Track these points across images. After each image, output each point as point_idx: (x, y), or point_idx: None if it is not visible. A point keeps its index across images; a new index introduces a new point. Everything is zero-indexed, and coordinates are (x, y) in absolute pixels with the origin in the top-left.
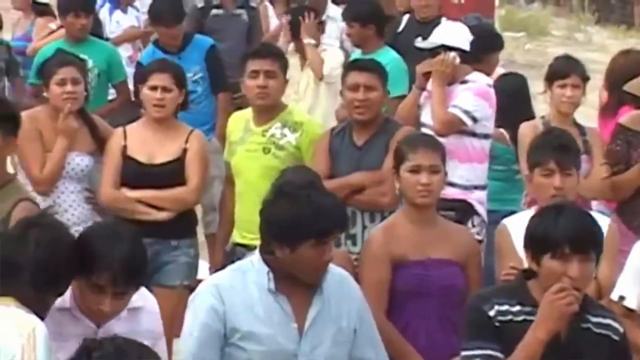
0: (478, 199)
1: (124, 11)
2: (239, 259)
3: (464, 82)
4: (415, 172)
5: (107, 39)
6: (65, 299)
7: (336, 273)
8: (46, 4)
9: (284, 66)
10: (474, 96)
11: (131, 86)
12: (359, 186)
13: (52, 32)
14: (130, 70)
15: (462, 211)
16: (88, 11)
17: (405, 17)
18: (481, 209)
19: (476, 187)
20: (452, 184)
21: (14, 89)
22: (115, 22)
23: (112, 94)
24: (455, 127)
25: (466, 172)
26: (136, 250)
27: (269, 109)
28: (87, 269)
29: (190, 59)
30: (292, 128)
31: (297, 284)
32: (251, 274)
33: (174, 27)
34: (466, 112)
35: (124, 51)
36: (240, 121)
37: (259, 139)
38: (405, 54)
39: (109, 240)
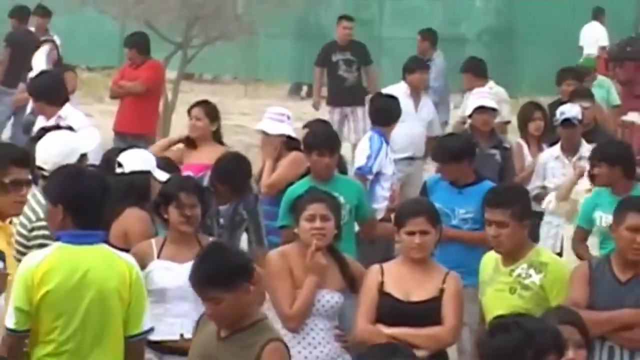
0: None
1: None
2: None
3: None
4: None
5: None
6: None
7: None
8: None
9: (518, 212)
10: None
11: None
12: (627, 324)
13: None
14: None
15: None
16: (333, 150)
17: None
18: None
19: None
20: None
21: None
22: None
23: None
24: None
25: None
26: None
27: (516, 250)
28: None
29: (471, 197)
30: (538, 269)
31: None
32: None
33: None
34: None
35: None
36: (490, 261)
37: (507, 278)
38: None
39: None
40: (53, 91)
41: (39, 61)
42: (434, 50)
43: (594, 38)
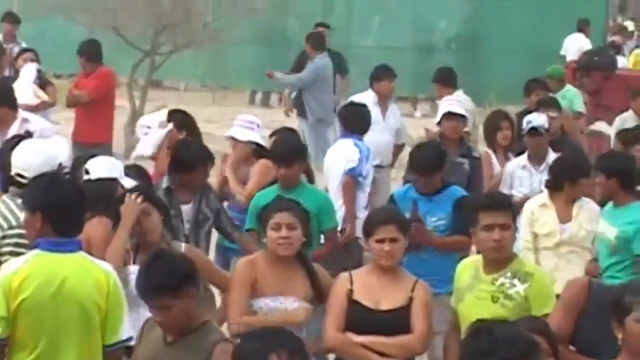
0: None
1: None
2: None
3: None
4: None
5: None
6: None
7: None
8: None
9: (515, 215)
10: None
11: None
12: None
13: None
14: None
15: None
16: (288, 164)
17: None
18: None
19: None
20: None
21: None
22: None
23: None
24: None
25: None
26: None
27: (501, 259)
28: None
29: (441, 204)
30: (523, 279)
31: None
32: None
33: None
34: None
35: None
36: (469, 268)
37: (488, 287)
38: None
39: None
40: (13, 96)
41: (29, 77)
42: (318, 52)
43: (577, 47)
